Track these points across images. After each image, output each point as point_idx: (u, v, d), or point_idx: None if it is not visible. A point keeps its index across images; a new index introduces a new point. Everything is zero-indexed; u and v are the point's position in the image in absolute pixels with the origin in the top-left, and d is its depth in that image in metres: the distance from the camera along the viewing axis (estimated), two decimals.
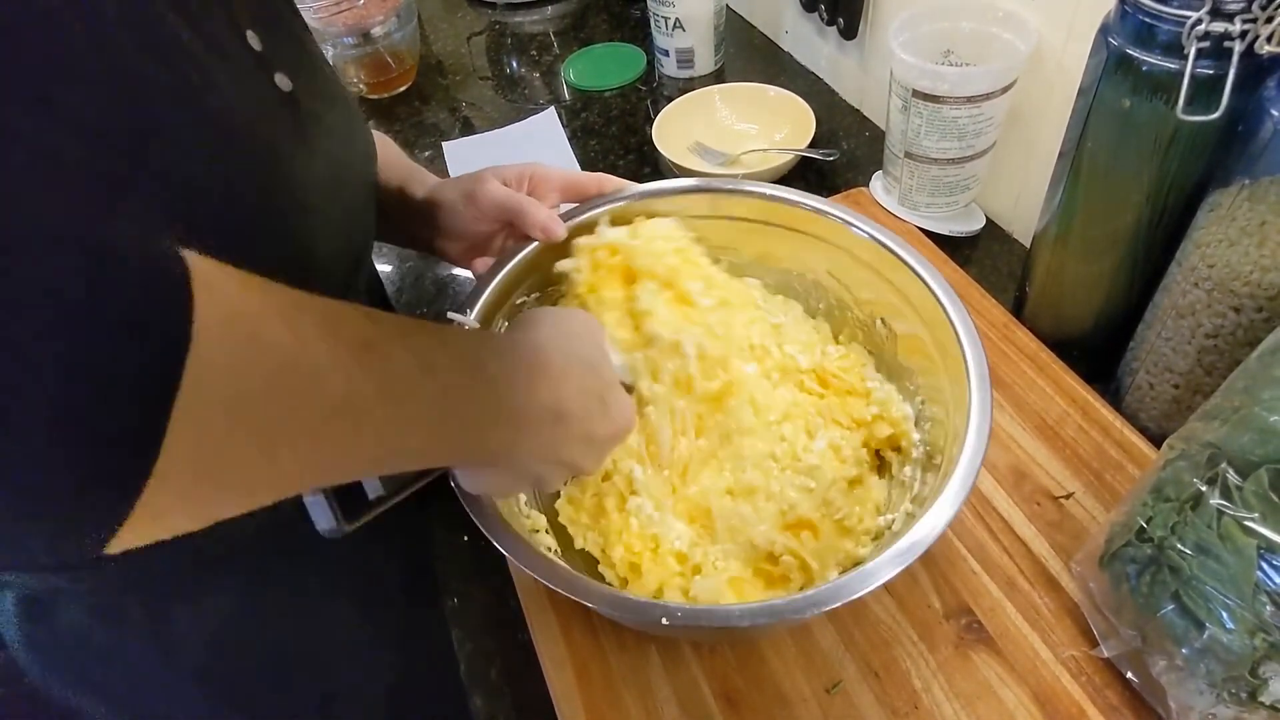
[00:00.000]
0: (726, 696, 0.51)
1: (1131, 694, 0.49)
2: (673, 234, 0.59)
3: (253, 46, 0.40)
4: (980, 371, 0.48)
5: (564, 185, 0.61)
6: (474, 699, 0.55)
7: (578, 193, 0.61)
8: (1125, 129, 0.52)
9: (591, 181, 0.61)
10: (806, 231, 0.60)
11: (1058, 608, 0.53)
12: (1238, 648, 0.40)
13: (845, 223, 0.57)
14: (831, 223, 0.58)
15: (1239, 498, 0.41)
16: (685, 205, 0.61)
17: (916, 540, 0.41)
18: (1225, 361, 0.52)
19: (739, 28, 1.18)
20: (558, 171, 0.61)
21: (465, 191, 0.59)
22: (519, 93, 1.16)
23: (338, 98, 0.50)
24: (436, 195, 0.61)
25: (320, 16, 1.05)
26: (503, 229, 0.60)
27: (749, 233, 0.62)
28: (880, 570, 0.40)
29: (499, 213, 0.58)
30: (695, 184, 0.62)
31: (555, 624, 0.55)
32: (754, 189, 0.61)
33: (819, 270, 0.62)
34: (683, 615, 0.41)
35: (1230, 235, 0.49)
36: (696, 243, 0.60)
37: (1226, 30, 0.44)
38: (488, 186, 0.58)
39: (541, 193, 0.60)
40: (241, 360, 0.25)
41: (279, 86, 0.42)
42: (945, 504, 0.42)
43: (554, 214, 0.58)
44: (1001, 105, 0.70)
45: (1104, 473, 0.59)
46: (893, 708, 0.50)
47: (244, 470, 0.27)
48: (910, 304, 0.55)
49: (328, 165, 0.45)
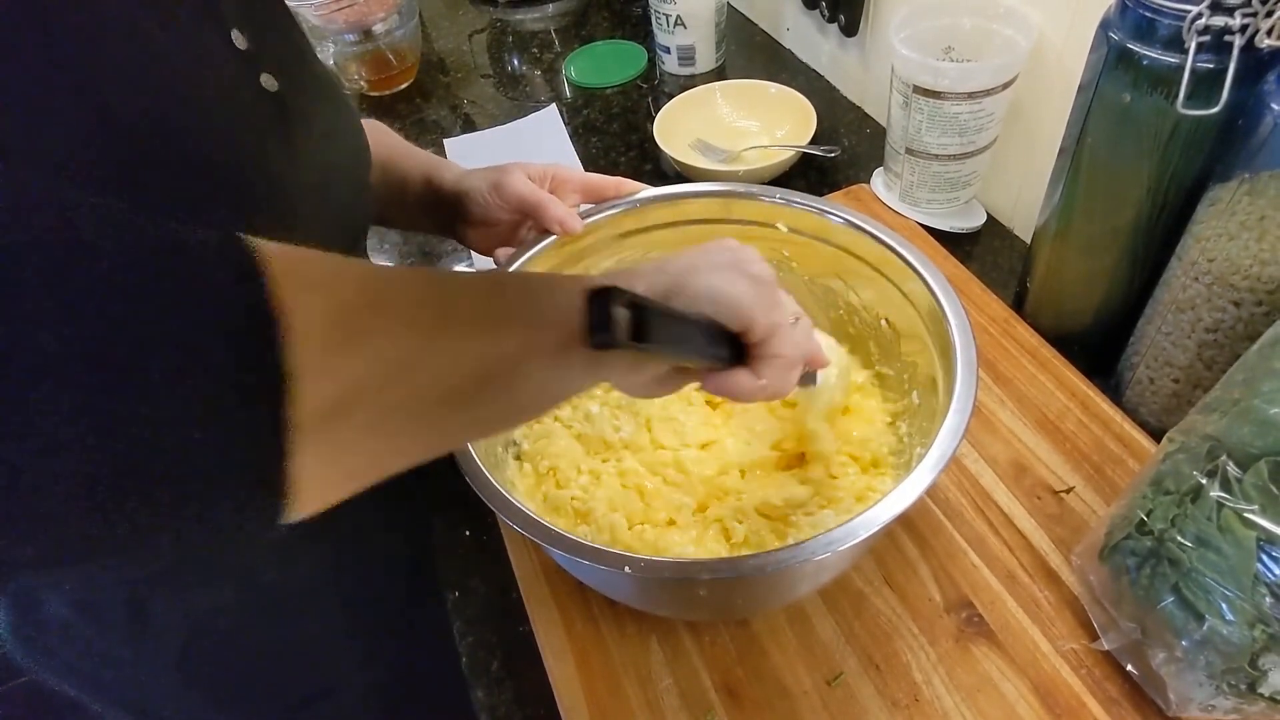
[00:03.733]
0: (727, 687, 0.52)
1: (1131, 686, 0.49)
2: None
3: (238, 46, 0.40)
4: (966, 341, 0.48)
5: (584, 186, 0.64)
6: (475, 690, 0.56)
7: (597, 194, 0.63)
8: (1126, 124, 0.52)
9: (610, 184, 0.63)
10: (818, 236, 0.61)
11: (1058, 601, 0.53)
12: (1237, 639, 0.41)
13: (855, 226, 0.57)
14: (841, 226, 0.58)
15: (1238, 490, 0.41)
16: (699, 209, 0.63)
17: (890, 507, 0.41)
18: (1225, 355, 0.53)
19: (740, 25, 1.18)
20: (579, 173, 0.64)
21: (492, 182, 0.61)
22: (520, 90, 1.16)
23: (329, 96, 0.49)
24: (464, 183, 0.63)
25: (321, 14, 1.05)
26: (524, 221, 0.63)
27: (760, 237, 0.63)
28: (847, 536, 0.40)
29: (520, 205, 0.60)
30: (710, 188, 0.63)
31: (556, 615, 0.56)
32: (767, 194, 0.61)
33: (827, 274, 0.63)
34: (645, 566, 0.42)
35: (1230, 230, 0.49)
36: None
37: (1226, 25, 0.45)
38: (512, 178, 0.60)
39: (563, 192, 0.63)
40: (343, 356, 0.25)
41: (265, 87, 0.41)
42: (923, 473, 0.42)
43: (573, 211, 0.60)
44: (1002, 101, 0.70)
45: (1104, 466, 0.59)
46: (893, 700, 0.50)
47: (395, 446, 0.28)
48: (909, 302, 0.55)
49: (315, 165, 0.45)
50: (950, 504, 0.59)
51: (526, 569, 0.58)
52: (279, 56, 0.43)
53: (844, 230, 0.58)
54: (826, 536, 0.41)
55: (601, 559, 0.42)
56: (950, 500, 0.59)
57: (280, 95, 0.42)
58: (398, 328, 0.28)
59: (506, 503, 0.45)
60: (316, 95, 0.47)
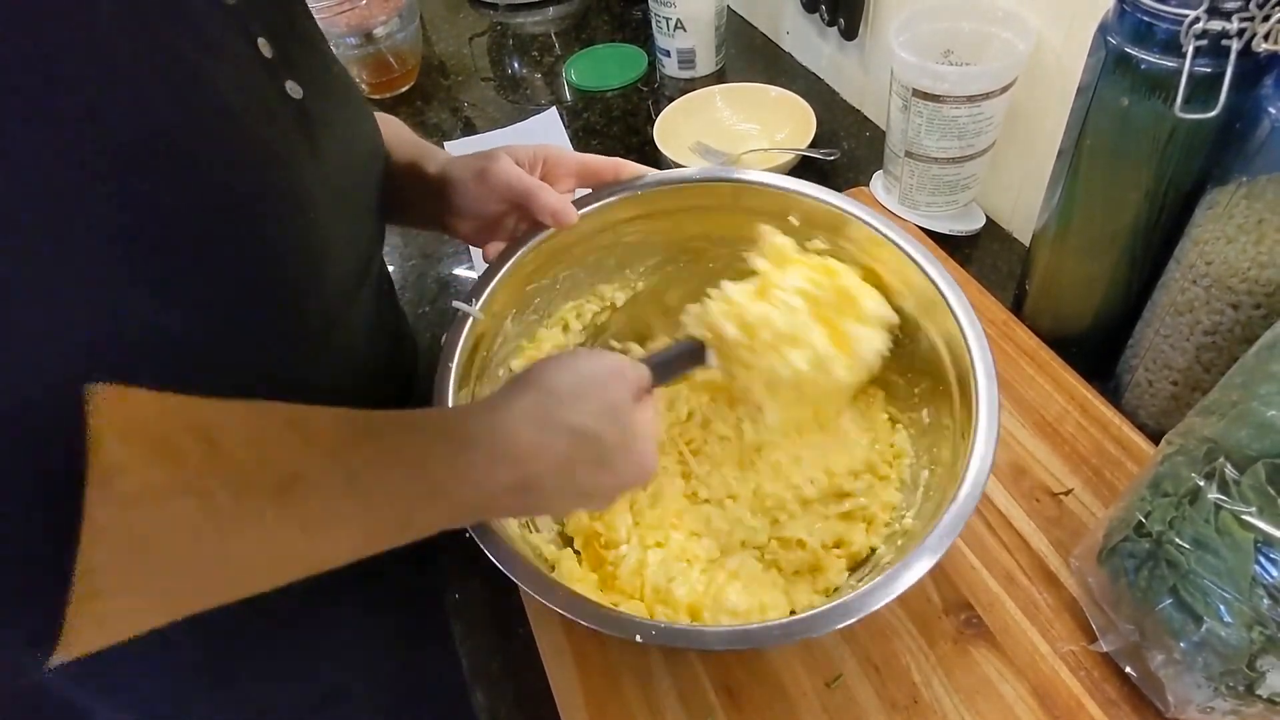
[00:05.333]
0: (727, 689, 0.52)
1: (1130, 688, 0.49)
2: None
3: (264, 55, 0.40)
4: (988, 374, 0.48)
5: (580, 169, 0.59)
6: (476, 693, 0.56)
7: (594, 178, 0.59)
8: (1124, 127, 0.52)
9: (608, 166, 0.59)
10: (824, 226, 0.59)
11: (1057, 603, 0.53)
12: (1235, 641, 0.41)
13: (863, 221, 0.56)
14: (848, 218, 0.57)
15: (1236, 492, 0.41)
16: (706, 196, 0.60)
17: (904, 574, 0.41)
18: (1223, 358, 0.53)
19: (740, 28, 1.18)
20: (573, 155, 0.59)
21: (477, 169, 0.56)
22: (521, 93, 1.16)
23: (348, 99, 0.50)
24: (448, 171, 0.58)
25: (323, 17, 1.05)
26: (513, 210, 0.58)
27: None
28: (857, 604, 0.41)
29: (508, 193, 0.56)
30: (719, 173, 0.60)
31: (556, 617, 0.55)
32: (777, 181, 0.59)
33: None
34: (658, 634, 0.42)
35: (1228, 233, 0.49)
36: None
37: (1224, 29, 0.45)
38: (499, 165, 0.56)
39: (555, 177, 0.58)
40: (139, 535, 0.26)
41: (290, 94, 0.42)
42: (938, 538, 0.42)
43: (566, 199, 0.56)
44: (1001, 104, 0.71)
45: (1103, 469, 0.59)
46: (892, 702, 0.50)
47: (170, 599, 0.28)
48: (913, 291, 0.55)
49: (337, 170, 0.45)
50: None
51: None
52: (302, 63, 0.44)
53: (847, 218, 0.57)
54: (843, 606, 0.41)
55: (618, 626, 0.42)
56: None
57: (304, 102, 0.43)
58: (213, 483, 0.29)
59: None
60: (336, 99, 0.48)
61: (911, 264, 0.54)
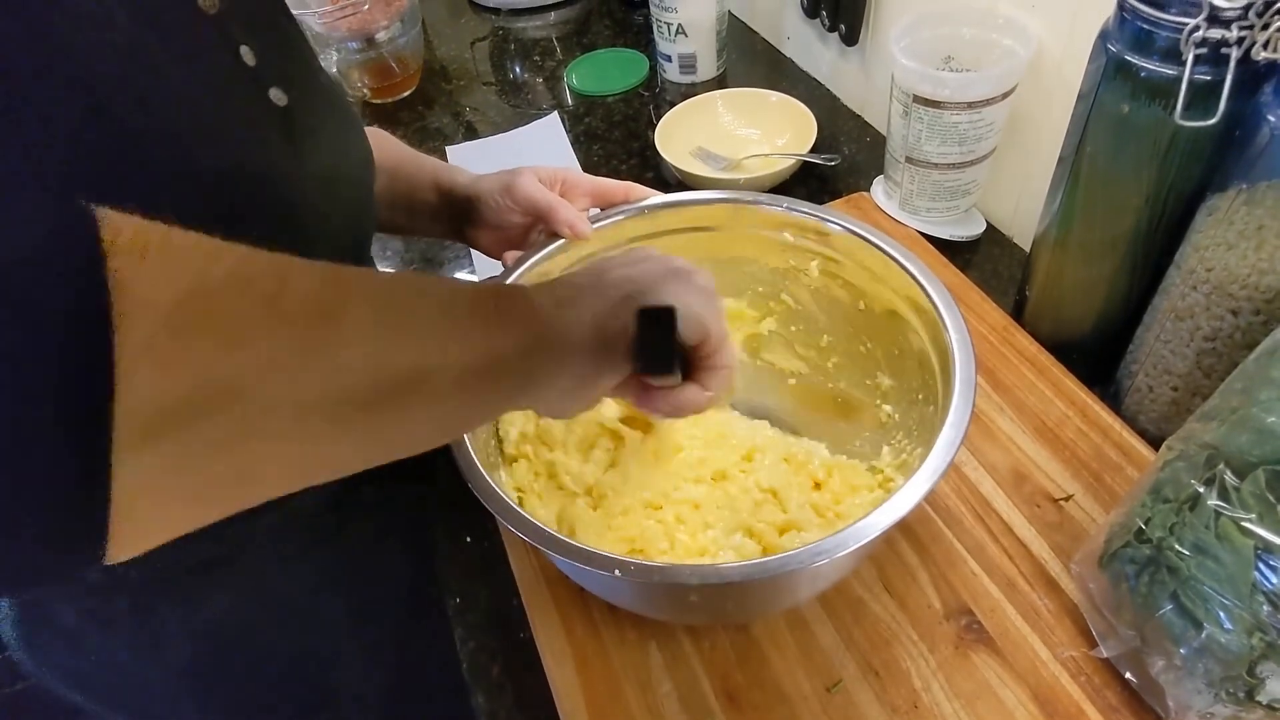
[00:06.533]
0: (727, 693, 0.52)
1: (1130, 694, 0.49)
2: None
3: (246, 63, 0.40)
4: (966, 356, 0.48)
5: (594, 190, 0.64)
6: (476, 696, 0.56)
7: (606, 199, 0.64)
8: (1124, 134, 0.53)
9: (620, 189, 0.64)
10: (827, 248, 0.61)
11: (1057, 608, 0.53)
12: (1235, 647, 0.41)
13: (860, 236, 0.57)
14: (848, 238, 0.58)
15: (1236, 498, 0.41)
16: (707, 216, 0.63)
17: (882, 518, 0.41)
18: (1223, 364, 0.53)
19: (741, 33, 1.19)
20: (589, 178, 0.65)
21: (504, 184, 0.62)
22: (522, 98, 1.16)
23: (334, 106, 0.50)
24: (476, 187, 0.64)
25: (324, 21, 1.06)
26: (534, 223, 0.64)
27: (769, 246, 0.63)
28: (836, 547, 0.40)
29: (532, 207, 0.62)
30: (719, 195, 0.63)
31: (557, 620, 0.56)
32: (775, 202, 0.61)
33: (833, 285, 0.62)
34: (635, 570, 0.42)
35: (1228, 239, 0.49)
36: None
37: (1224, 36, 0.45)
38: (524, 180, 0.62)
39: (573, 196, 0.64)
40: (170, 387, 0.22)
41: (274, 101, 0.41)
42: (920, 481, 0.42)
43: (582, 215, 0.62)
44: (1001, 111, 0.71)
45: (1103, 474, 0.59)
46: (893, 706, 0.50)
47: (217, 488, 0.25)
48: (914, 306, 0.55)
49: (322, 178, 0.45)
50: (949, 511, 0.59)
51: (527, 575, 0.58)
52: (286, 70, 0.44)
53: (848, 238, 0.58)
54: (816, 546, 0.41)
55: (592, 562, 0.42)
56: (949, 507, 0.59)
57: (289, 109, 0.42)
58: (275, 323, 0.26)
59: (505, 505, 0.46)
60: (323, 107, 0.47)
61: (897, 267, 0.55)
